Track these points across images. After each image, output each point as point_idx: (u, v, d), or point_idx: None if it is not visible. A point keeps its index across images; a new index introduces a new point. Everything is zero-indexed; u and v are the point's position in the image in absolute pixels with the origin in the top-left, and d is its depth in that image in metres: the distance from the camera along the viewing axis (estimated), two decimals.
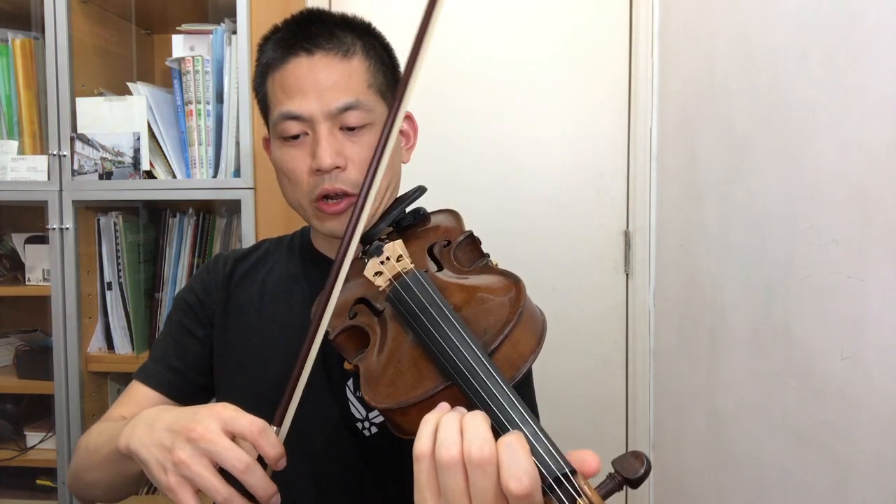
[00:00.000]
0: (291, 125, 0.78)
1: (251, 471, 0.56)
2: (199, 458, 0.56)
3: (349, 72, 0.79)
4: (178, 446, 0.57)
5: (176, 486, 0.56)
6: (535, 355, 0.57)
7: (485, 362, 0.53)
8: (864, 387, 0.80)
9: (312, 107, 0.76)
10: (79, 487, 0.81)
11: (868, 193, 0.79)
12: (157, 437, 0.59)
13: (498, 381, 0.52)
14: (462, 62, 1.75)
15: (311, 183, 0.79)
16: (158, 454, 0.58)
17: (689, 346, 1.40)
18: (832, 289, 0.86)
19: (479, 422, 0.47)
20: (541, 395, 0.91)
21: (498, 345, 0.55)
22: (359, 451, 0.80)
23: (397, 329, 0.64)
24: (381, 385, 0.59)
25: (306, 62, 0.77)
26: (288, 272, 0.89)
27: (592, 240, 1.75)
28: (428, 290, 0.62)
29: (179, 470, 0.56)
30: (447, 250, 0.74)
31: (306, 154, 0.78)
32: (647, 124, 1.65)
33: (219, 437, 0.56)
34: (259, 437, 0.57)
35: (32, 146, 1.56)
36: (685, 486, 1.46)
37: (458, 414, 0.49)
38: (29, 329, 1.73)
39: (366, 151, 0.79)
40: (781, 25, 1.00)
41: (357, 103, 0.78)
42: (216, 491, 0.55)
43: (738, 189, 1.15)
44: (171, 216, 1.62)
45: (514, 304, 0.58)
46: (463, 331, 0.56)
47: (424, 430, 0.49)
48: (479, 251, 0.77)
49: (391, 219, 0.80)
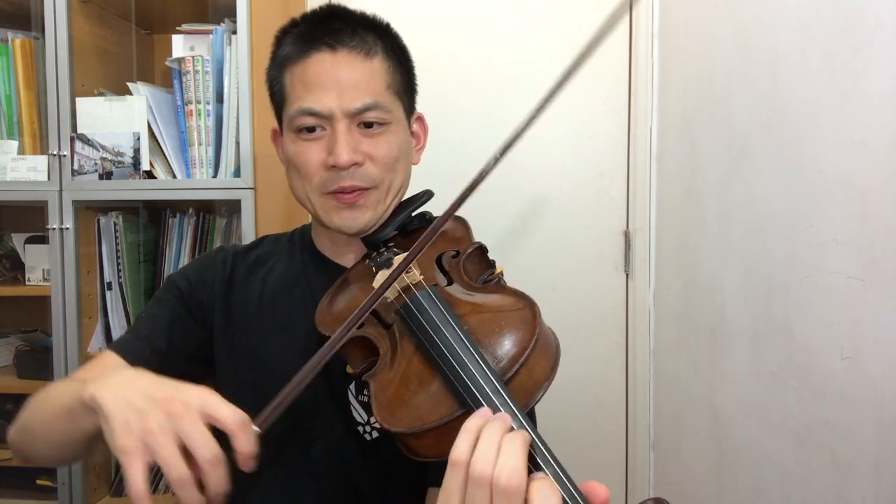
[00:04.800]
0: (308, 119, 0.78)
1: (217, 465, 0.53)
2: (170, 432, 0.53)
3: (371, 71, 0.79)
4: (152, 413, 0.54)
5: (132, 451, 0.53)
6: (550, 381, 0.57)
7: (502, 393, 0.53)
8: (864, 387, 0.80)
9: (332, 104, 0.77)
10: (22, 440, 0.77)
11: (868, 193, 0.79)
12: (130, 397, 0.56)
13: (516, 413, 0.52)
14: (462, 62, 1.75)
15: (324, 177, 0.79)
16: (128, 413, 0.55)
17: (689, 346, 1.40)
18: (832, 289, 0.86)
19: (517, 448, 0.48)
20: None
21: (514, 373, 0.55)
22: (360, 455, 0.80)
23: (409, 347, 0.63)
24: (394, 407, 0.59)
25: (329, 58, 0.78)
26: (288, 272, 0.89)
27: (592, 240, 1.75)
28: (441, 311, 0.62)
29: (144, 436, 0.53)
30: (456, 262, 0.73)
31: (321, 149, 0.79)
32: (647, 124, 1.65)
33: (196, 419, 0.54)
34: (238, 430, 0.55)
35: (32, 146, 1.56)
36: (685, 486, 1.46)
37: (502, 428, 0.49)
38: (29, 329, 1.73)
39: (383, 149, 0.80)
40: (781, 25, 1.00)
41: (376, 104, 0.78)
42: (175, 468, 0.52)
43: (738, 189, 1.15)
44: (171, 216, 1.62)
45: (531, 331, 0.58)
46: (479, 358, 0.56)
47: (464, 438, 0.49)
48: (487, 262, 0.76)
49: (397, 223, 0.80)
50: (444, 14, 1.77)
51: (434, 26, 1.76)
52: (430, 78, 1.75)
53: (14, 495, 1.62)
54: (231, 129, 1.46)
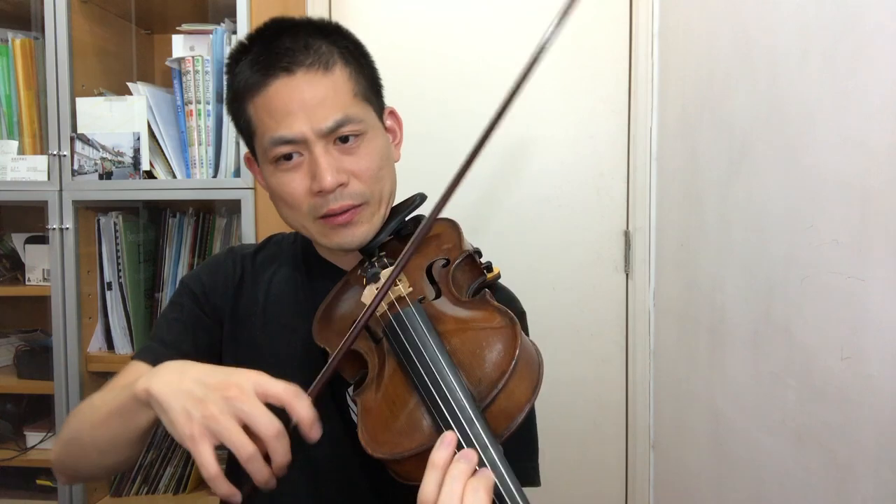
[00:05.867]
0: (283, 148, 0.76)
1: (280, 437, 0.56)
2: (230, 414, 0.56)
3: (333, 85, 0.76)
4: (210, 399, 0.56)
5: (199, 436, 0.55)
6: (531, 403, 0.58)
7: (476, 423, 0.55)
8: (864, 387, 0.80)
9: (303, 128, 0.74)
10: (69, 454, 0.75)
11: (868, 193, 0.79)
12: (186, 386, 0.58)
13: (487, 445, 0.53)
14: (461, 62, 1.75)
15: (313, 204, 0.77)
16: (186, 402, 0.57)
17: (689, 346, 1.40)
18: (832, 289, 0.86)
19: (481, 497, 0.49)
20: (540, 395, 0.90)
21: (492, 399, 0.56)
22: (359, 458, 0.80)
23: (393, 367, 0.64)
24: (377, 432, 0.60)
25: (288, 83, 0.75)
26: (291, 275, 0.89)
27: (592, 240, 1.75)
28: (424, 331, 0.63)
29: (207, 422, 0.55)
30: (445, 272, 0.73)
31: (304, 176, 0.76)
32: (647, 124, 1.65)
33: (254, 398, 0.57)
34: (294, 400, 0.57)
35: (32, 146, 1.56)
36: (685, 486, 1.46)
37: (465, 471, 0.51)
38: (29, 329, 1.73)
39: (365, 162, 0.78)
40: (781, 25, 1.00)
41: (347, 118, 0.76)
42: (242, 447, 0.55)
43: (738, 189, 1.15)
44: (171, 216, 1.62)
45: (510, 353, 0.58)
46: (458, 384, 0.57)
47: (431, 477, 0.51)
48: (478, 270, 0.76)
49: (391, 229, 0.80)
50: (433, 12, 1.77)
51: (423, 24, 1.76)
52: (426, 77, 1.76)
53: (14, 495, 1.62)
54: (231, 129, 1.46)
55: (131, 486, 1.59)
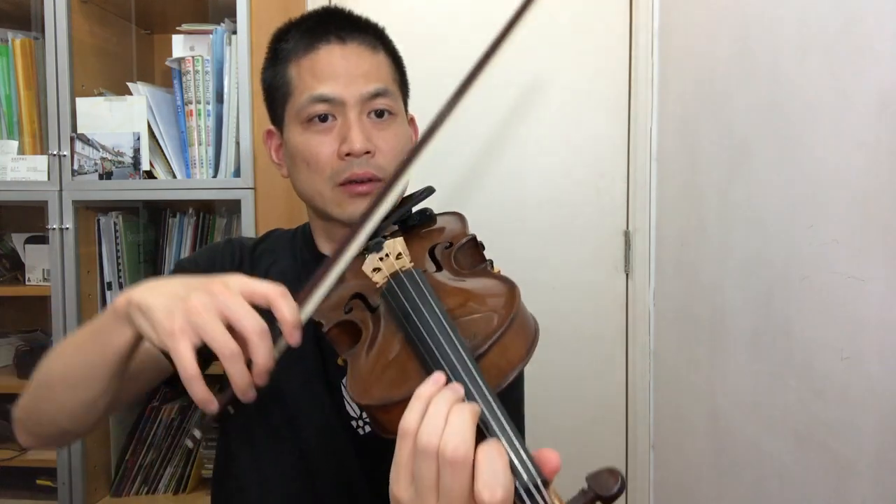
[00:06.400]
0: (320, 107, 0.79)
1: (264, 336, 0.53)
2: (214, 309, 0.52)
3: (378, 64, 0.82)
4: (193, 295, 0.53)
5: (179, 332, 0.51)
6: (524, 363, 0.56)
7: (470, 366, 0.53)
8: (864, 387, 0.80)
9: (344, 91, 0.78)
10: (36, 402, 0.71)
11: (868, 193, 0.79)
12: (169, 288, 0.56)
13: (481, 386, 0.52)
14: (461, 62, 1.74)
15: (337, 167, 0.79)
16: (168, 300, 0.54)
17: (689, 346, 1.40)
18: (832, 289, 0.86)
19: (465, 418, 0.46)
20: (541, 395, 0.91)
21: (486, 350, 0.55)
22: (353, 450, 0.80)
23: (389, 326, 0.64)
24: (365, 381, 0.58)
25: (339, 49, 0.80)
26: (290, 268, 0.89)
27: (592, 240, 1.75)
28: (422, 289, 0.62)
29: (189, 316, 0.52)
30: (448, 252, 0.73)
31: (332, 139, 0.79)
32: (647, 124, 1.65)
33: (239, 296, 0.54)
34: (279, 298, 0.54)
35: (32, 146, 1.56)
36: (685, 486, 1.46)
37: (451, 398, 0.48)
38: (29, 329, 1.73)
39: (392, 140, 0.81)
40: (781, 25, 1.00)
41: (386, 90, 0.81)
42: (224, 344, 0.51)
43: (738, 189, 1.15)
44: (171, 216, 1.62)
45: (507, 310, 0.58)
46: (452, 332, 0.56)
47: (414, 406, 0.48)
48: (480, 256, 0.76)
49: (397, 217, 0.80)
50: (434, 12, 1.77)
51: (423, 24, 1.76)
52: (426, 77, 1.76)
53: (14, 495, 1.62)
54: (231, 129, 1.46)
55: (131, 486, 1.59)
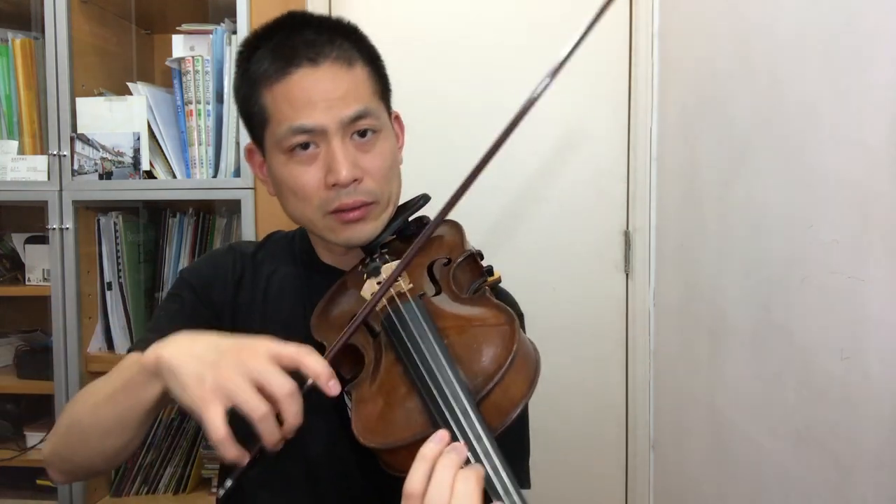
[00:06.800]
0: (301, 137, 0.75)
1: (294, 397, 0.55)
2: (244, 374, 0.55)
3: (355, 81, 0.77)
4: (224, 362, 0.55)
5: (210, 398, 0.54)
6: (526, 399, 0.57)
7: (471, 414, 0.54)
8: (864, 387, 0.80)
9: (324, 118, 0.74)
10: (67, 444, 0.72)
11: (868, 193, 0.79)
12: (199, 351, 0.58)
13: (484, 441, 0.53)
14: (461, 62, 1.75)
15: (325, 197, 0.76)
16: (199, 365, 0.56)
17: (689, 346, 1.40)
18: (832, 289, 0.86)
19: (471, 488, 0.48)
20: (540, 396, 0.90)
21: (487, 393, 0.56)
22: (356, 459, 0.80)
23: (390, 359, 0.64)
24: (370, 422, 0.60)
25: (312, 73, 0.75)
26: (290, 274, 0.89)
27: (592, 240, 1.75)
28: (422, 325, 0.63)
29: (220, 382, 0.54)
30: (447, 270, 0.73)
31: (318, 168, 0.76)
32: (647, 124, 1.65)
33: (268, 360, 0.56)
34: (308, 358, 0.57)
35: (32, 146, 1.56)
36: (685, 486, 1.46)
37: (456, 461, 0.49)
38: (29, 329, 1.73)
39: (378, 160, 0.78)
40: (781, 25, 1.00)
41: (367, 111, 0.76)
42: (257, 406, 0.54)
43: (738, 189, 1.15)
44: (171, 216, 1.62)
45: (507, 348, 0.58)
46: (454, 376, 0.57)
47: (419, 468, 0.50)
48: (479, 270, 0.76)
49: (394, 228, 0.80)
50: (435, 12, 1.76)
51: (424, 25, 1.76)
52: (426, 77, 1.76)
53: (14, 495, 1.62)
54: (231, 129, 1.46)
55: (131, 486, 1.59)
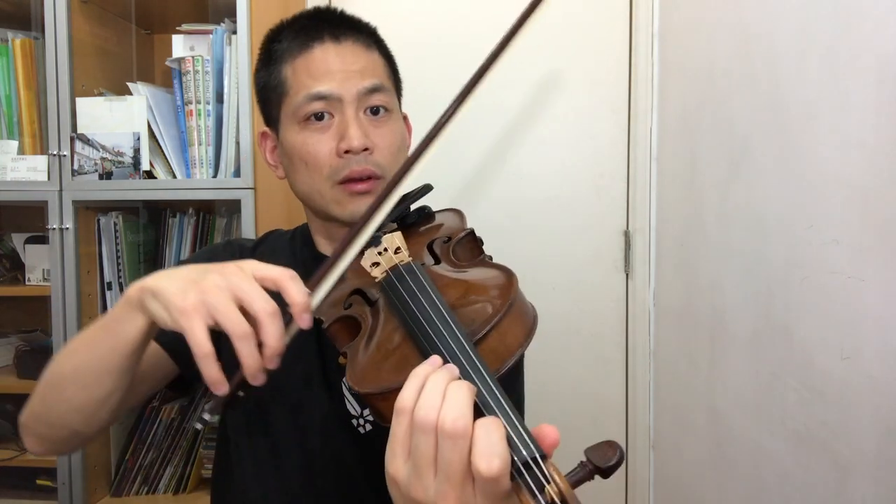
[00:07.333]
0: (317, 105, 0.79)
1: (276, 317, 0.53)
2: (227, 289, 0.53)
3: (373, 61, 0.83)
4: (207, 277, 0.54)
5: (192, 311, 0.52)
6: (523, 348, 0.56)
7: (468, 350, 0.53)
8: (864, 387, 0.80)
9: (341, 87, 0.79)
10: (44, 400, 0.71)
11: (868, 193, 0.79)
12: (181, 273, 0.57)
13: (480, 370, 0.52)
14: (462, 62, 1.74)
15: (336, 165, 0.79)
16: (180, 283, 0.55)
17: (689, 346, 1.40)
18: (832, 289, 0.86)
19: (463, 393, 0.47)
20: (541, 395, 0.91)
21: (484, 334, 0.55)
22: (354, 448, 0.80)
23: (388, 318, 0.64)
24: (364, 369, 0.59)
25: (334, 48, 0.80)
26: (290, 266, 0.89)
27: (592, 240, 1.75)
28: (420, 280, 0.62)
29: (202, 295, 0.53)
30: (446, 246, 0.74)
31: (331, 137, 0.79)
32: (647, 124, 1.65)
33: (250, 278, 0.55)
34: (289, 282, 0.55)
35: (32, 146, 1.56)
36: (685, 486, 1.46)
37: (447, 376, 0.49)
38: (29, 329, 1.73)
39: (389, 137, 0.82)
40: (781, 25, 1.00)
41: (382, 86, 0.82)
42: (237, 323, 0.52)
43: (738, 189, 1.15)
44: (171, 216, 1.62)
45: (504, 296, 0.58)
46: (450, 318, 0.56)
47: (411, 384, 0.49)
48: (479, 249, 0.77)
49: (395, 214, 0.81)
50: (435, 12, 1.76)
51: (424, 25, 1.76)
52: (426, 77, 1.76)
53: (14, 495, 1.62)
54: (231, 129, 1.46)
55: (131, 486, 1.59)
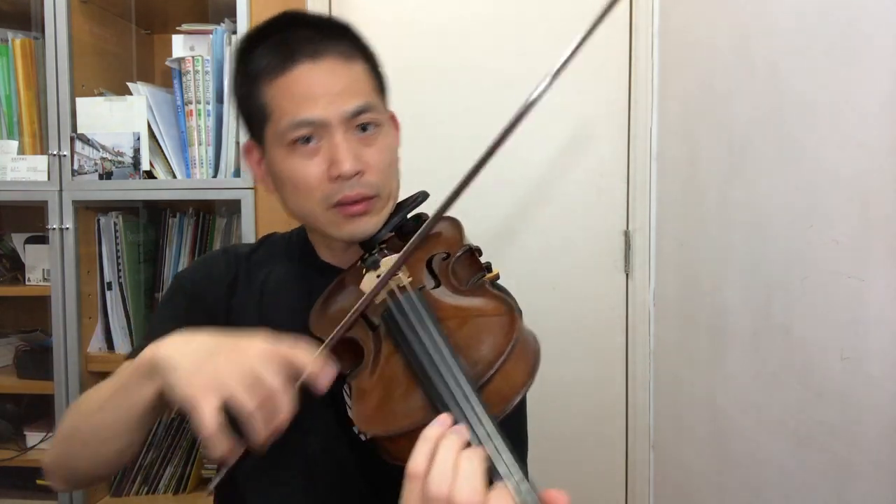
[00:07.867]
0: (303, 130, 0.75)
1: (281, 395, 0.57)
2: (237, 370, 0.56)
3: (355, 76, 0.78)
4: (217, 359, 0.57)
5: (203, 391, 0.55)
6: (527, 387, 0.57)
7: (473, 400, 0.54)
8: (864, 387, 0.80)
9: (327, 112, 0.74)
10: (67, 452, 0.74)
11: (868, 193, 0.79)
12: (192, 348, 0.59)
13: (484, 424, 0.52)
14: (462, 62, 1.75)
15: (327, 191, 0.76)
16: (192, 361, 0.57)
17: (689, 346, 1.40)
18: (832, 289, 0.86)
19: (475, 466, 0.48)
20: (540, 396, 0.90)
21: (488, 379, 0.56)
22: (354, 456, 0.80)
23: (390, 350, 0.64)
24: (370, 409, 0.60)
25: (313, 68, 0.75)
26: (287, 274, 0.89)
27: (592, 240, 1.75)
28: (422, 315, 0.63)
29: (213, 375, 0.55)
30: (445, 264, 0.73)
31: (321, 161, 0.76)
32: (647, 124, 1.65)
33: (260, 357, 0.57)
34: (296, 354, 0.59)
35: (32, 146, 1.56)
36: (685, 486, 1.46)
37: (458, 443, 0.50)
38: (29, 329, 1.73)
39: (380, 154, 0.79)
40: (781, 26, 1.00)
41: (368, 105, 0.77)
42: (248, 401, 0.55)
43: (738, 189, 1.15)
44: (171, 216, 1.62)
45: (508, 336, 0.58)
46: (454, 363, 0.57)
47: (421, 449, 0.50)
48: (478, 265, 0.76)
49: (393, 225, 0.80)
50: (436, 12, 1.76)
51: (425, 25, 1.76)
52: (426, 77, 1.76)
53: (14, 495, 1.62)
54: (231, 129, 1.46)
55: (131, 486, 1.59)
